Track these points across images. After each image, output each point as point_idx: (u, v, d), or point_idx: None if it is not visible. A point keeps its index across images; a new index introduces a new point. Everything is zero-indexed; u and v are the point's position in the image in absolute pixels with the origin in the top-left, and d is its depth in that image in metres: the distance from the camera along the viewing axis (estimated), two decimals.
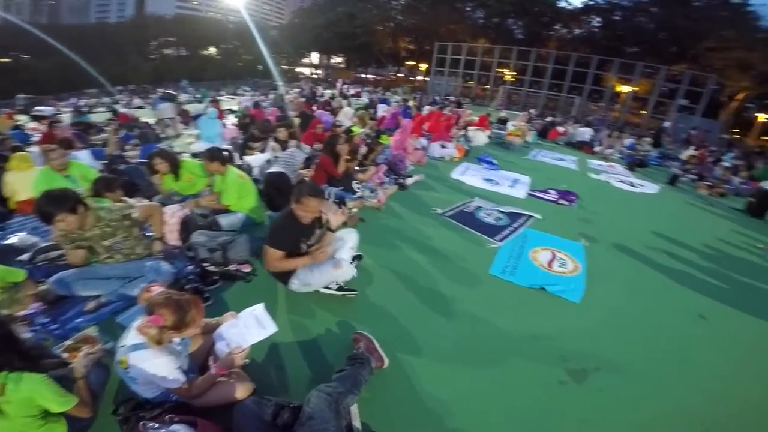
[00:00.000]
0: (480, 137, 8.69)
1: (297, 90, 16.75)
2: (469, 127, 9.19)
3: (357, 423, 1.66)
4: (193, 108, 10.47)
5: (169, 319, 1.45)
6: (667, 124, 17.13)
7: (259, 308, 1.82)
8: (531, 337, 2.49)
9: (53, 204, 2.00)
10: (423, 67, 36.66)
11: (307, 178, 4.16)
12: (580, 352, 2.41)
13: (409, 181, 5.17)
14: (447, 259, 3.35)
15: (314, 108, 9.98)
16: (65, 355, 1.67)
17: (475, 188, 5.45)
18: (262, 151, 5.08)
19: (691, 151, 9.28)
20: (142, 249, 2.45)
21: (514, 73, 28.18)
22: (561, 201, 5.33)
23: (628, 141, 10.73)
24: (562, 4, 33.16)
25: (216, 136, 6.06)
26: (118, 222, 2.30)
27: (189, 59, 37.51)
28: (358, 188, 4.30)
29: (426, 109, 12.07)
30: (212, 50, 40.00)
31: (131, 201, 2.58)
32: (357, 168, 4.76)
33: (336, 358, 2.03)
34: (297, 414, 1.49)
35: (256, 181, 3.87)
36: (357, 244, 2.74)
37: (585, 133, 11.33)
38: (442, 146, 7.07)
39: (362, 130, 5.71)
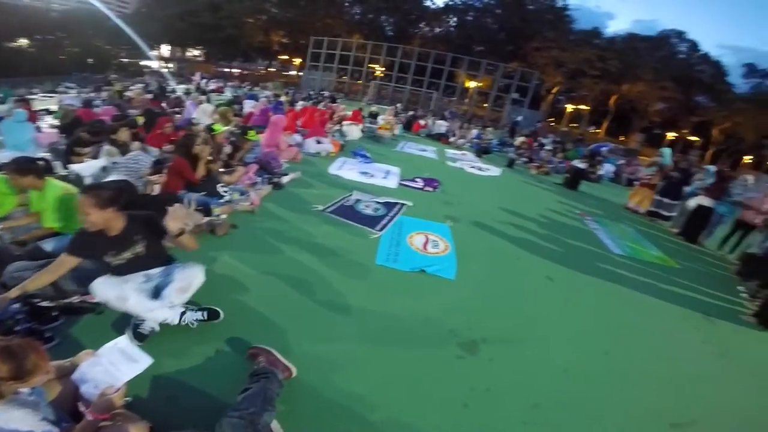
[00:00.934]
0: (354, 131, 8.94)
1: (141, 85, 14.33)
2: (344, 122, 9.37)
3: None
4: None
5: (2, 369, 1.18)
6: (519, 118, 20.22)
7: (123, 341, 1.66)
8: (423, 319, 2.67)
9: None
10: (297, 61, 35.64)
11: (157, 185, 3.64)
12: (465, 324, 2.69)
13: (285, 179, 4.98)
14: (334, 254, 3.34)
15: (164, 105, 8.75)
16: None
17: (353, 182, 5.60)
18: (95, 157, 4.22)
19: (522, 138, 11.32)
20: None
21: (384, 69, 29.67)
22: (426, 188, 5.92)
23: (475, 131, 12.47)
24: (428, 3, 35.88)
25: (26, 143, 4.77)
26: None
27: None
28: (226, 192, 3.93)
29: (300, 105, 11.81)
30: (23, 42, 31.32)
31: None
32: (222, 170, 4.35)
33: (235, 379, 1.84)
34: None
35: None
36: (195, 287, 2.14)
37: (441, 125, 12.75)
38: (318, 142, 7.04)
39: (225, 128, 5.23)
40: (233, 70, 35.88)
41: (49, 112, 8.68)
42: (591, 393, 2.29)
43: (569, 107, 36.10)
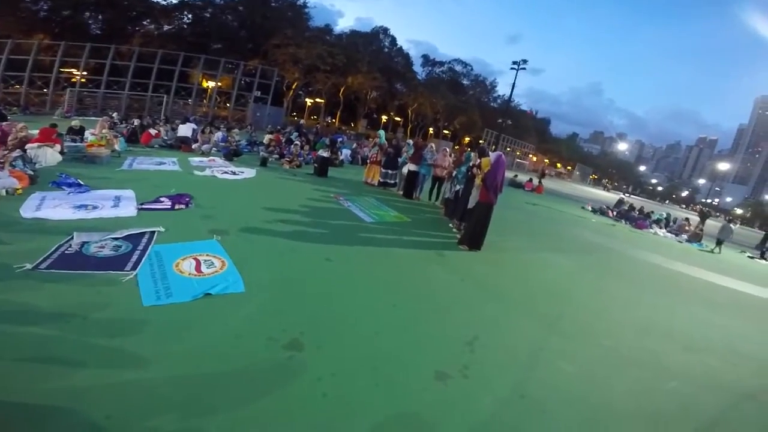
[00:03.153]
0: (48, 155, 6.75)
1: None
2: (28, 145, 6.86)
3: None
4: None
5: None
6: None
7: None
8: (238, 337, 2.56)
9: None
10: None
11: None
12: (278, 327, 2.75)
13: None
14: (80, 317, 2.50)
15: None
16: None
17: (67, 221, 4.22)
18: None
19: (269, 136, 11.63)
20: None
21: (85, 73, 23.16)
22: (177, 206, 5.22)
23: (219, 134, 11.88)
24: None
25: None
26: None
27: None
28: None
29: None
30: None
31: None
32: None
33: None
34: None
35: None
36: None
37: (187, 129, 11.40)
38: None
39: None
40: None
41: None
42: (402, 340, 2.94)
43: (309, 101, 39.33)
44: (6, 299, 2.62)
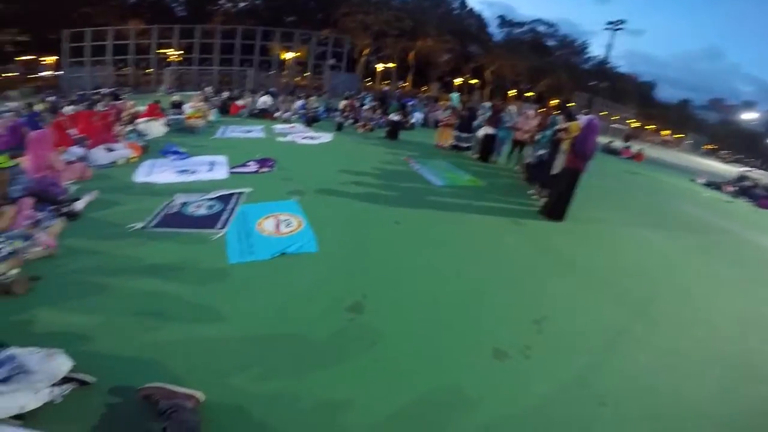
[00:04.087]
0: (155, 128, 7.63)
1: None
2: (138, 120, 7.85)
3: None
4: None
5: None
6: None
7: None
8: (305, 298, 2.67)
9: None
10: (50, 59, 27.24)
11: None
12: (342, 289, 2.81)
13: (79, 204, 3.95)
14: (177, 270, 2.89)
15: None
16: None
17: (171, 185, 4.80)
18: None
19: (344, 102, 11.76)
20: None
21: (180, 53, 25.73)
22: (262, 169, 5.65)
23: (299, 102, 12.31)
24: None
25: None
26: None
27: None
28: (1, 243, 2.91)
29: (69, 110, 9.24)
30: None
31: None
32: None
33: (139, 426, 1.63)
34: None
35: None
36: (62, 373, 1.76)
37: (264, 102, 12.09)
38: (109, 149, 5.74)
39: None
40: None
41: None
42: (464, 312, 2.75)
43: (379, 66, 39.03)
44: (123, 255, 3.09)
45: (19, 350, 1.78)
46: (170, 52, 25.73)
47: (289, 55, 28.47)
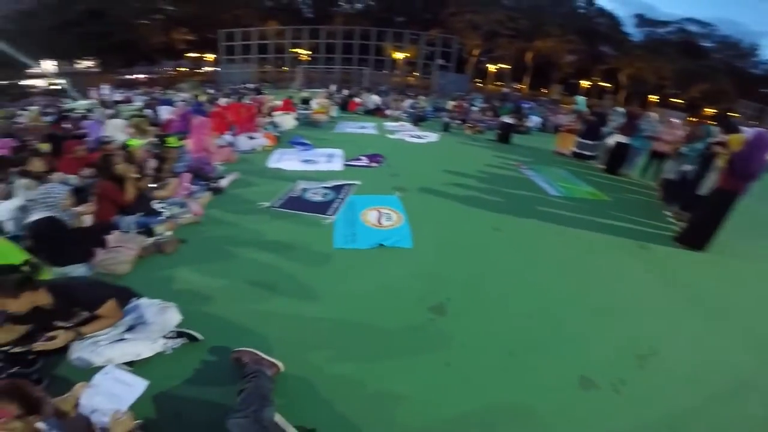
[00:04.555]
0: (288, 121, 8.65)
1: (35, 108, 12.22)
2: (275, 113, 9.01)
3: (291, 430, 1.64)
4: None
5: (13, 407, 1.23)
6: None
7: (112, 369, 1.72)
8: (393, 292, 2.76)
9: None
10: (210, 57, 33.17)
11: (86, 216, 3.32)
12: (430, 288, 2.82)
13: (224, 182, 4.76)
14: (290, 248, 3.29)
15: (67, 126, 7.64)
16: None
17: (296, 172, 5.47)
18: (7, 197, 3.70)
19: (452, 102, 11.65)
20: None
21: (309, 52, 28.68)
22: (372, 164, 6.00)
23: (409, 101, 12.61)
24: None
25: None
26: None
27: None
28: (164, 208, 3.69)
29: (223, 102, 11.09)
30: None
31: None
32: (153, 185, 4.05)
33: (228, 384, 1.85)
34: None
35: (16, 237, 2.84)
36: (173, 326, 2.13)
37: (375, 100, 12.72)
38: (250, 137, 6.73)
39: (142, 140, 4.82)
40: (138, 77, 32.47)
41: None
42: (557, 334, 2.49)
43: (491, 67, 37.43)
44: (250, 228, 3.68)
45: (143, 301, 2.14)
46: (301, 51, 28.80)
47: (399, 55, 29.26)
